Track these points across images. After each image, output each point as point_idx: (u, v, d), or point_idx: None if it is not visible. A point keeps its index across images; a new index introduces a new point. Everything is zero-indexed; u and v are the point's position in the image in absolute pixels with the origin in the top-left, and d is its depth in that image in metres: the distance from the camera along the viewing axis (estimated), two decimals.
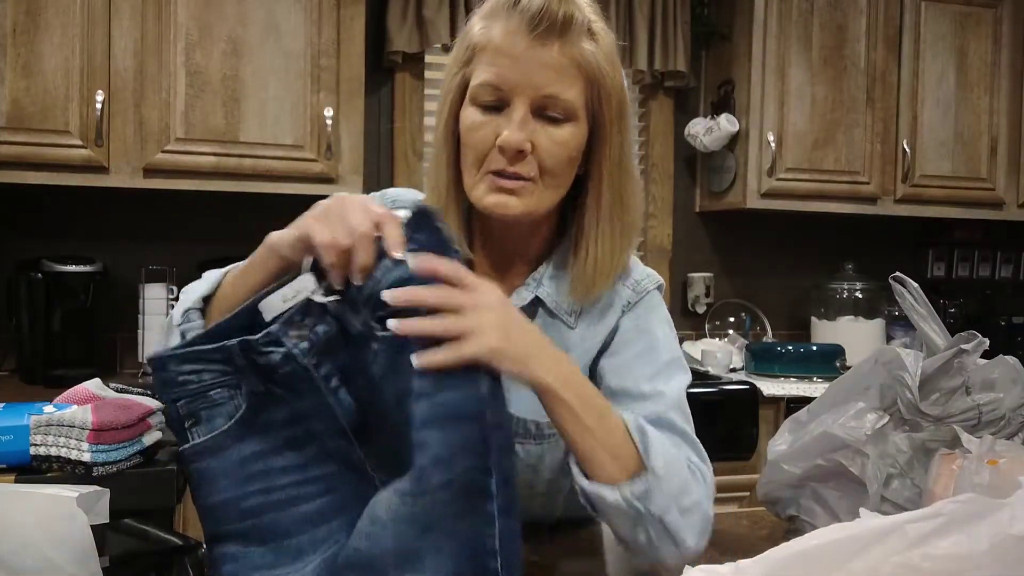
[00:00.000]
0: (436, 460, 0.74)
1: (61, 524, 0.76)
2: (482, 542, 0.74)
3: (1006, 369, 1.06)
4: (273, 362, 0.81)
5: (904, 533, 0.66)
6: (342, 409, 0.82)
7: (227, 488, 0.82)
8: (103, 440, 0.88)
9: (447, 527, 0.74)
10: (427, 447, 0.74)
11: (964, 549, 0.64)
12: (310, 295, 0.81)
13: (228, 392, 0.83)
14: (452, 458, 0.74)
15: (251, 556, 0.82)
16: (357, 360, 0.81)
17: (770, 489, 1.14)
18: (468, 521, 0.74)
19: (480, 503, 0.74)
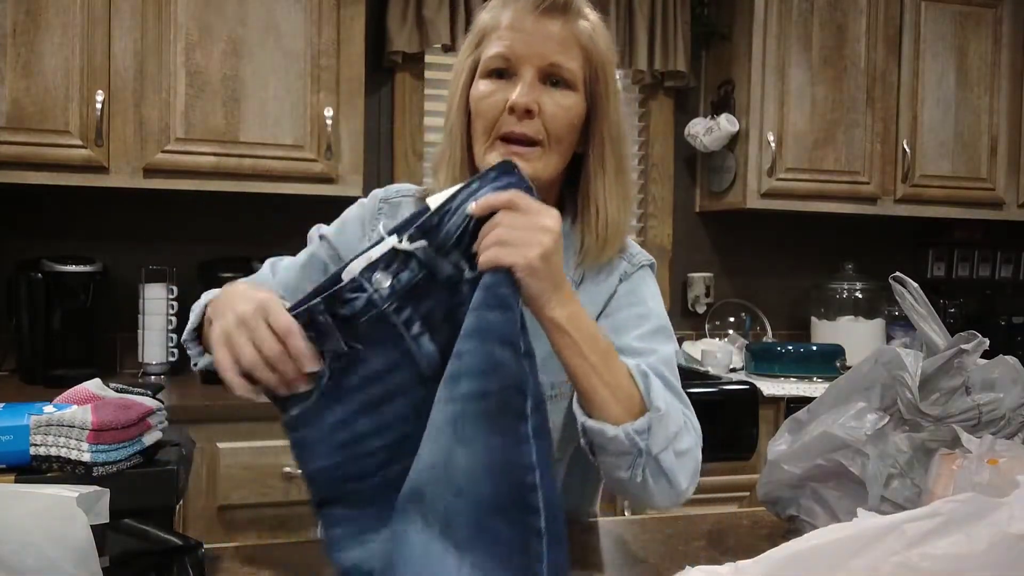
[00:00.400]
0: (470, 369, 0.77)
1: (61, 524, 0.76)
2: (518, 458, 0.75)
3: (1006, 369, 1.06)
4: (356, 309, 0.83)
5: (903, 532, 0.66)
6: (424, 356, 0.84)
7: (323, 455, 0.84)
8: (103, 440, 0.88)
9: (481, 440, 0.76)
10: (464, 356, 0.78)
11: (963, 548, 0.65)
12: (395, 244, 0.84)
13: (317, 361, 0.85)
14: (485, 372, 0.77)
15: (356, 519, 0.84)
16: (445, 306, 0.84)
17: (770, 489, 1.14)
18: (501, 438, 0.75)
19: (514, 422, 0.76)
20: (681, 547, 1.09)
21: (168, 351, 2.55)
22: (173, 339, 2.55)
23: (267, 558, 1.03)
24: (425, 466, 0.78)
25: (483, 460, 0.76)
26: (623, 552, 1.07)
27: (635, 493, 0.96)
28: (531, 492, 0.75)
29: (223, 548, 1.05)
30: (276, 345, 0.82)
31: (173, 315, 2.54)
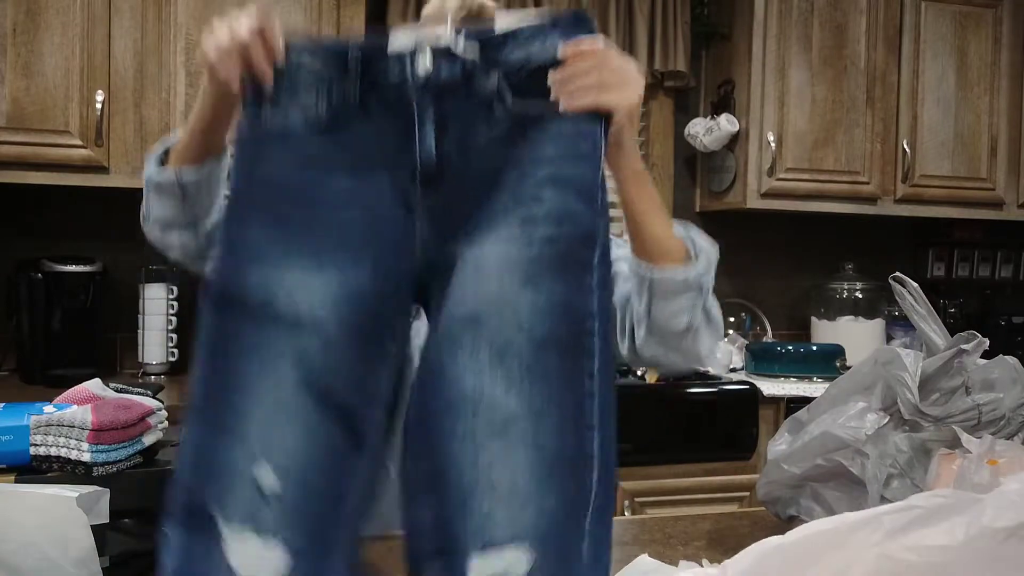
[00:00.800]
0: (548, 215, 0.80)
1: (61, 524, 0.76)
2: (581, 304, 0.79)
3: (1006, 369, 1.07)
4: (386, 80, 0.83)
5: (881, 524, 0.67)
6: (422, 149, 0.83)
7: (274, 179, 0.84)
8: (103, 440, 0.88)
9: (546, 283, 0.79)
10: (543, 202, 0.80)
11: (941, 540, 0.65)
12: (449, 42, 0.83)
13: (315, 92, 0.84)
14: (560, 221, 0.80)
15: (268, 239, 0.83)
16: (465, 116, 0.84)
17: (770, 489, 1.14)
18: (565, 285, 0.79)
19: (579, 271, 0.79)
20: (681, 547, 1.09)
21: (168, 351, 2.55)
22: (173, 339, 2.55)
23: None
24: (488, 297, 0.79)
25: (548, 301, 0.79)
26: (623, 552, 1.07)
27: (687, 346, 1.05)
28: (588, 336, 0.78)
29: None
30: (256, 24, 0.85)
31: (173, 315, 2.54)
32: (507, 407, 0.76)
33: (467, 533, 0.75)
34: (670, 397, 2.56)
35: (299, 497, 0.77)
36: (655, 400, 2.53)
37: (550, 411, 0.77)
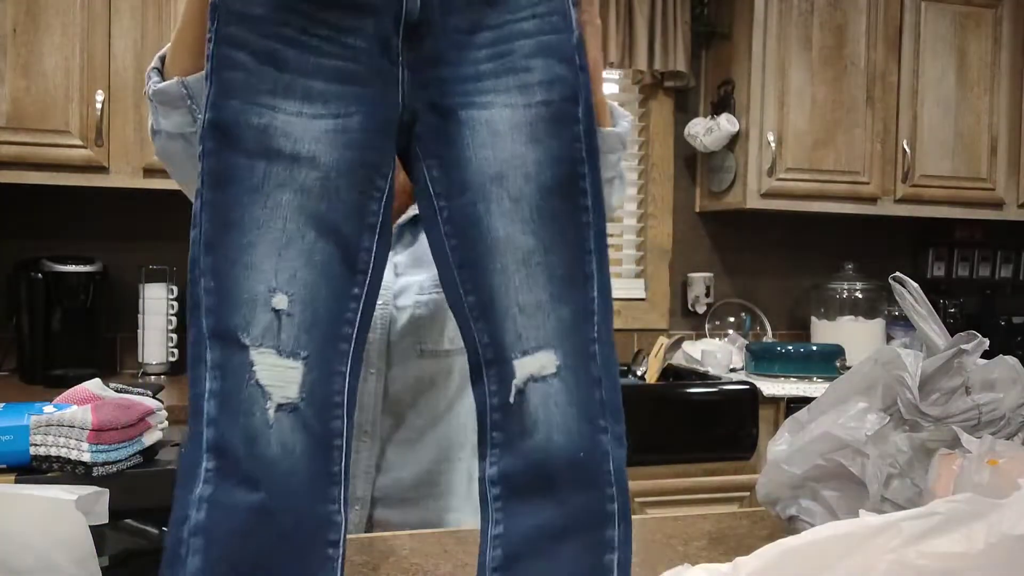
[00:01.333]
0: (540, 82, 0.93)
1: (61, 525, 0.76)
2: (572, 153, 0.95)
3: (1006, 369, 1.06)
4: None
5: (900, 530, 0.66)
6: (404, 3, 0.89)
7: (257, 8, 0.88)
8: (103, 440, 0.88)
9: (544, 139, 0.95)
10: (533, 71, 0.94)
11: (959, 548, 0.65)
12: None
13: None
14: (551, 84, 0.94)
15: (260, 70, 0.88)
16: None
17: (770, 489, 1.14)
18: (558, 138, 0.94)
19: (570, 125, 0.95)
20: (681, 547, 1.09)
21: (168, 351, 2.55)
22: (173, 339, 2.55)
23: None
24: (506, 156, 0.94)
25: (548, 154, 0.95)
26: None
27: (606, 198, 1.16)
28: (582, 179, 0.96)
29: None
30: None
31: (173, 315, 2.54)
32: (525, 244, 0.95)
33: (509, 345, 0.93)
34: (670, 397, 2.56)
35: (308, 317, 0.88)
36: (655, 400, 2.53)
37: (557, 243, 0.96)
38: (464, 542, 1.10)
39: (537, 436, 0.91)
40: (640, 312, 3.18)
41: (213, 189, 0.87)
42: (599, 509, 0.90)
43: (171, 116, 1.14)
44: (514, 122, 0.94)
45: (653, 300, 3.21)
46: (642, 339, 3.11)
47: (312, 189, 0.89)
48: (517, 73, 0.94)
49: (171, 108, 1.13)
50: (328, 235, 0.89)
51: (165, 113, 1.14)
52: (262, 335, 0.86)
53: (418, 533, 1.16)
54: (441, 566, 1.01)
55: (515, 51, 0.95)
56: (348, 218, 0.91)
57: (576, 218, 0.97)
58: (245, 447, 0.85)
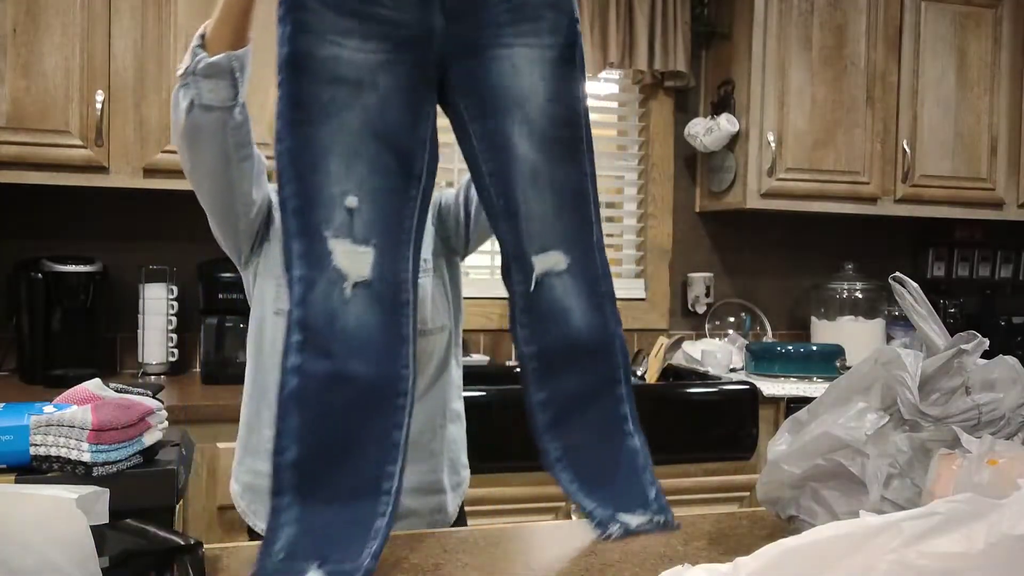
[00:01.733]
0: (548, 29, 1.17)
1: (61, 525, 0.76)
2: (574, 89, 1.18)
3: (1006, 369, 1.06)
4: None
5: (900, 530, 0.66)
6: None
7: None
8: (103, 440, 0.88)
9: (551, 74, 1.17)
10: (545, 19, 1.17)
11: (960, 548, 0.65)
12: None
13: None
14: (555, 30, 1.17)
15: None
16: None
17: (770, 489, 1.14)
18: (562, 74, 1.18)
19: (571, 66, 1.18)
20: (681, 547, 1.09)
21: (168, 351, 2.55)
22: (173, 339, 2.55)
23: None
24: (525, 89, 1.16)
25: (555, 91, 1.18)
26: (622, 552, 1.07)
27: None
28: (579, 116, 1.18)
29: (223, 548, 1.05)
30: None
31: (173, 315, 2.54)
32: (536, 162, 1.16)
33: (527, 244, 1.17)
34: (670, 397, 2.56)
35: (374, 212, 1.08)
36: (655, 400, 2.53)
37: (563, 162, 1.17)
38: (464, 542, 1.10)
39: (560, 322, 1.17)
40: (640, 312, 3.18)
41: (292, 110, 1.07)
42: (612, 376, 1.21)
43: (217, 89, 1.26)
44: (531, 59, 1.16)
45: (653, 300, 3.21)
46: (642, 339, 3.11)
47: (373, 109, 1.09)
48: (532, 21, 1.16)
49: (219, 80, 1.25)
50: (388, 147, 1.10)
51: (211, 86, 1.25)
52: (338, 228, 1.06)
53: (418, 533, 1.16)
54: (441, 566, 1.01)
55: (529, 3, 1.16)
56: (403, 134, 1.11)
57: (577, 144, 1.19)
58: (328, 319, 1.04)
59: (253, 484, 1.44)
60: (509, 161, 1.16)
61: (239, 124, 1.31)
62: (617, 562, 1.03)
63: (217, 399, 2.22)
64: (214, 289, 2.52)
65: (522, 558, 1.07)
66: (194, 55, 1.25)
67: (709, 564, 0.73)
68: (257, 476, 1.43)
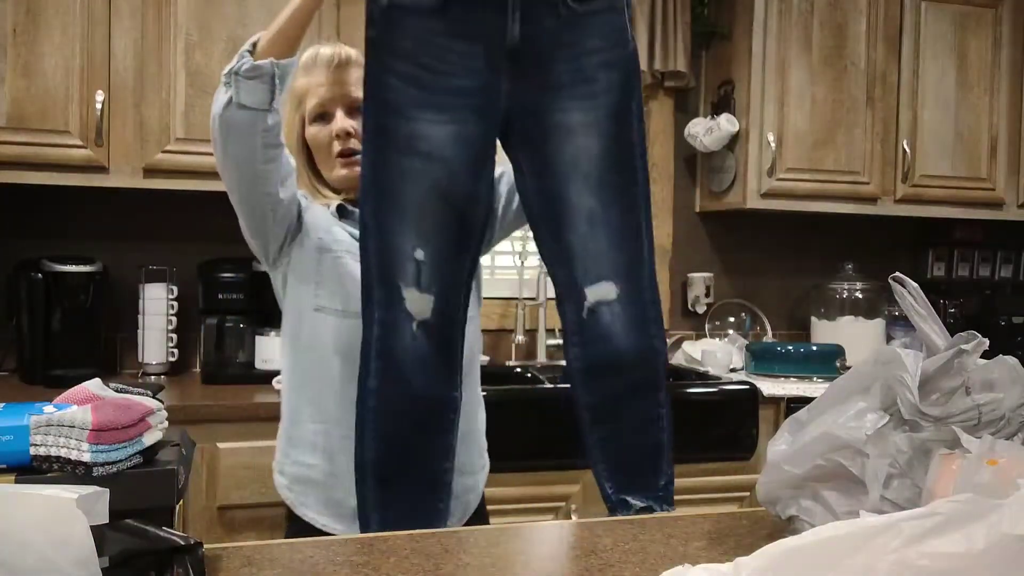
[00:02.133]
0: (604, 89, 1.31)
1: (61, 525, 0.76)
2: (630, 137, 1.33)
3: (1006, 369, 1.06)
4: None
5: (900, 531, 0.66)
6: (511, 29, 1.27)
7: (405, 44, 1.27)
8: (103, 440, 0.88)
9: (607, 130, 1.32)
10: (599, 81, 1.32)
11: (960, 548, 0.65)
12: None
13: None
14: (610, 89, 1.32)
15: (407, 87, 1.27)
16: (540, 10, 1.27)
17: (770, 489, 1.14)
18: (618, 128, 1.33)
19: (627, 118, 1.34)
20: (681, 547, 1.09)
21: (168, 351, 2.55)
22: (173, 339, 2.55)
23: (267, 558, 1.03)
24: (578, 147, 1.31)
25: (609, 140, 1.33)
26: (623, 552, 1.07)
27: None
28: (634, 159, 1.33)
29: (223, 548, 1.05)
30: None
31: (173, 315, 2.54)
32: (592, 207, 1.30)
33: (581, 278, 1.31)
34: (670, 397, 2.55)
35: (437, 264, 1.29)
36: None
37: (616, 204, 1.31)
38: (464, 542, 1.10)
39: (608, 343, 1.32)
40: None
41: (376, 174, 1.28)
42: (654, 381, 1.36)
43: (255, 91, 1.35)
44: (584, 122, 1.30)
45: None
46: None
47: (441, 178, 1.28)
48: (587, 83, 1.30)
49: (259, 83, 1.34)
50: (451, 209, 1.30)
51: (250, 88, 1.35)
52: (409, 278, 1.28)
53: (418, 533, 1.16)
54: (441, 566, 1.01)
55: (584, 66, 1.30)
56: (465, 195, 1.30)
57: (631, 188, 1.33)
58: (400, 352, 1.28)
59: (299, 475, 1.51)
60: (565, 212, 1.31)
61: (270, 127, 1.37)
62: (617, 562, 1.03)
63: (217, 399, 2.22)
64: (214, 289, 2.52)
65: (522, 558, 1.07)
66: (240, 58, 1.36)
67: (709, 564, 0.73)
68: (303, 467, 1.50)
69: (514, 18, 1.27)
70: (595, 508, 2.39)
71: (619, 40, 1.31)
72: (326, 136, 1.50)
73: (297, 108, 1.53)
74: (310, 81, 1.52)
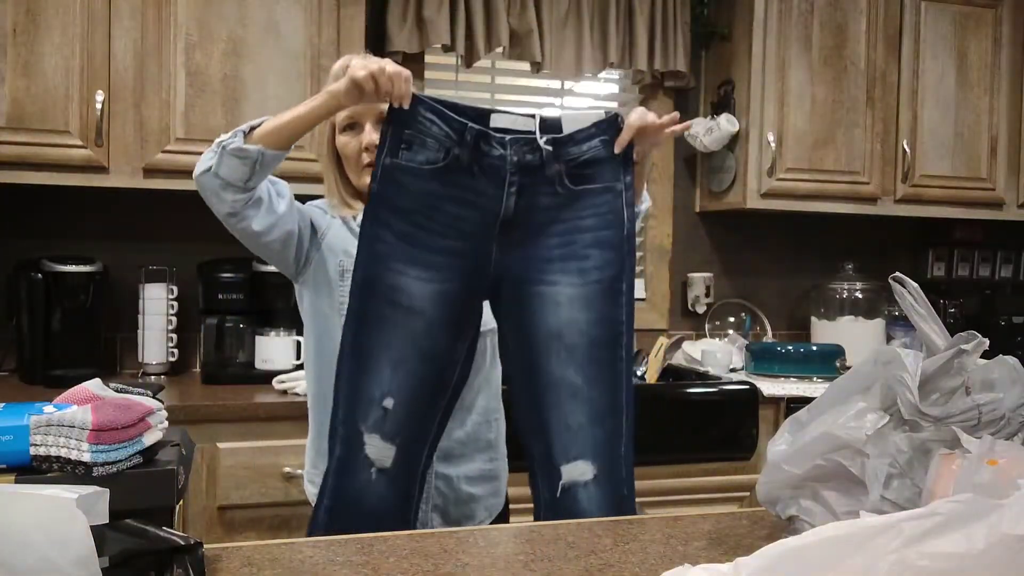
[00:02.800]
0: (595, 266, 1.30)
1: (61, 525, 0.76)
2: (615, 316, 1.32)
3: (1006, 369, 1.06)
4: (491, 154, 1.31)
5: (900, 531, 0.66)
6: (505, 203, 1.31)
7: (403, 202, 1.31)
8: (103, 440, 0.88)
9: (596, 306, 1.31)
10: (591, 258, 1.31)
11: (960, 548, 0.65)
12: (536, 136, 1.32)
13: (438, 148, 1.31)
14: (603, 267, 1.31)
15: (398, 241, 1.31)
16: (536, 186, 1.32)
17: (770, 489, 1.14)
18: (606, 305, 1.31)
19: (615, 296, 1.31)
20: (681, 547, 1.10)
21: (168, 351, 2.55)
22: (173, 339, 2.55)
23: (267, 558, 1.03)
24: (563, 320, 1.29)
25: (598, 316, 1.30)
26: (622, 552, 1.07)
27: None
28: (621, 335, 1.31)
29: (223, 548, 1.05)
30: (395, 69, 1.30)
31: (173, 315, 2.54)
32: (575, 382, 1.30)
33: (557, 454, 1.30)
34: (670, 397, 2.56)
35: (405, 415, 1.31)
36: (655, 400, 2.53)
37: (600, 381, 1.31)
38: (464, 542, 1.11)
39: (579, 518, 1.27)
40: (640, 312, 3.18)
41: (356, 323, 1.31)
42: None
43: (234, 169, 1.37)
44: (572, 296, 1.31)
45: (653, 300, 3.21)
46: (642, 339, 3.11)
47: (419, 331, 1.31)
48: (578, 260, 1.32)
49: (239, 163, 1.37)
50: (427, 362, 1.32)
51: (231, 165, 1.37)
52: (373, 425, 1.30)
53: (418, 533, 1.16)
54: (441, 566, 1.01)
55: (577, 242, 1.32)
56: (442, 353, 1.33)
57: (615, 364, 1.32)
58: (354, 494, 1.30)
59: None
60: (545, 386, 1.31)
61: (239, 200, 1.41)
62: (617, 562, 1.03)
63: (217, 399, 2.22)
64: (214, 289, 2.52)
65: (522, 558, 1.07)
66: (235, 134, 1.38)
67: (709, 564, 0.73)
68: None
69: (510, 191, 1.31)
70: None
71: (615, 220, 1.32)
72: (356, 147, 1.52)
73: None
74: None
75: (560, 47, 2.88)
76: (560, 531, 1.16)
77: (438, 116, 1.31)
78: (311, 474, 1.59)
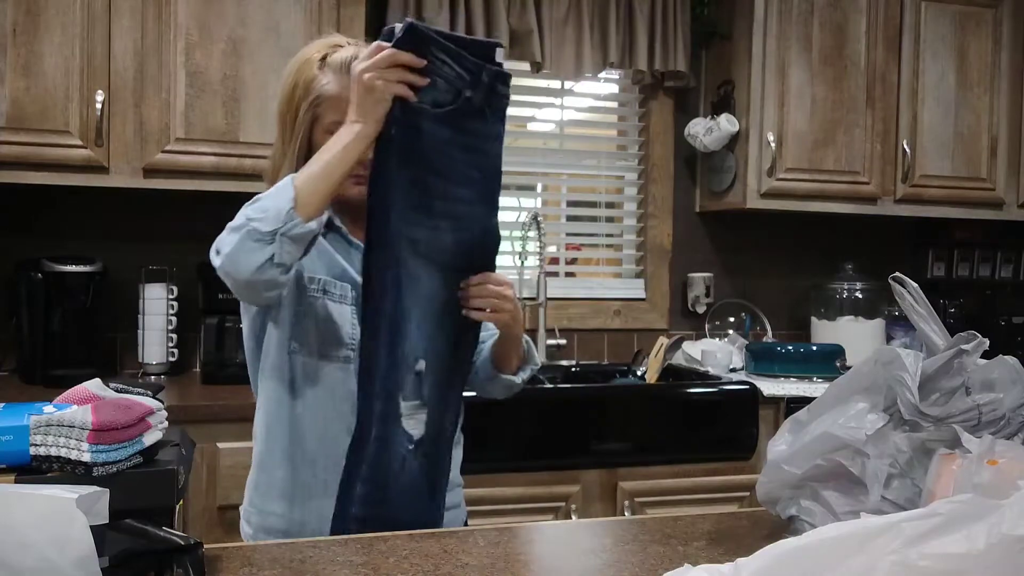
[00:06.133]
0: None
1: (61, 525, 0.76)
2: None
3: (1006, 369, 1.06)
4: (502, 92, 1.32)
5: (901, 531, 0.66)
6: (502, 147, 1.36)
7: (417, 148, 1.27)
8: (103, 440, 0.88)
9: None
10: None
11: (961, 549, 0.65)
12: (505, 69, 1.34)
13: (447, 90, 1.27)
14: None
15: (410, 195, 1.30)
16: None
17: (770, 489, 1.14)
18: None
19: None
20: (681, 547, 1.10)
21: (168, 351, 2.55)
22: (173, 339, 2.55)
23: (267, 558, 1.03)
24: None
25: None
26: (623, 552, 1.07)
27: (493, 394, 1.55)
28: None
29: (223, 548, 1.05)
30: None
31: (173, 315, 2.54)
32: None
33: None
34: (670, 397, 2.56)
35: (434, 374, 1.33)
36: (655, 400, 2.53)
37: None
38: (464, 542, 1.11)
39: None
40: (640, 312, 3.18)
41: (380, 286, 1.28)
42: None
43: (295, 251, 1.24)
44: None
45: (653, 300, 3.21)
46: (642, 339, 3.11)
47: (439, 288, 1.32)
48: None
49: (301, 243, 1.25)
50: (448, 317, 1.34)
51: (291, 249, 1.23)
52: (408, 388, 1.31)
53: (418, 533, 1.16)
54: (441, 566, 1.01)
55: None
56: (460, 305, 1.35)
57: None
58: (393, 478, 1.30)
59: (264, 525, 1.40)
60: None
61: (289, 277, 1.29)
62: (617, 562, 1.03)
63: (217, 399, 2.21)
64: (214, 289, 2.51)
65: (522, 558, 1.07)
66: (289, 218, 1.22)
67: (709, 564, 0.73)
68: (268, 517, 1.39)
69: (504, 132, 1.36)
70: (595, 508, 2.39)
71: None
72: None
73: (309, 107, 1.40)
74: (331, 88, 1.38)
75: (560, 47, 2.88)
76: (560, 531, 1.16)
77: (451, 56, 1.25)
78: (247, 512, 1.44)
